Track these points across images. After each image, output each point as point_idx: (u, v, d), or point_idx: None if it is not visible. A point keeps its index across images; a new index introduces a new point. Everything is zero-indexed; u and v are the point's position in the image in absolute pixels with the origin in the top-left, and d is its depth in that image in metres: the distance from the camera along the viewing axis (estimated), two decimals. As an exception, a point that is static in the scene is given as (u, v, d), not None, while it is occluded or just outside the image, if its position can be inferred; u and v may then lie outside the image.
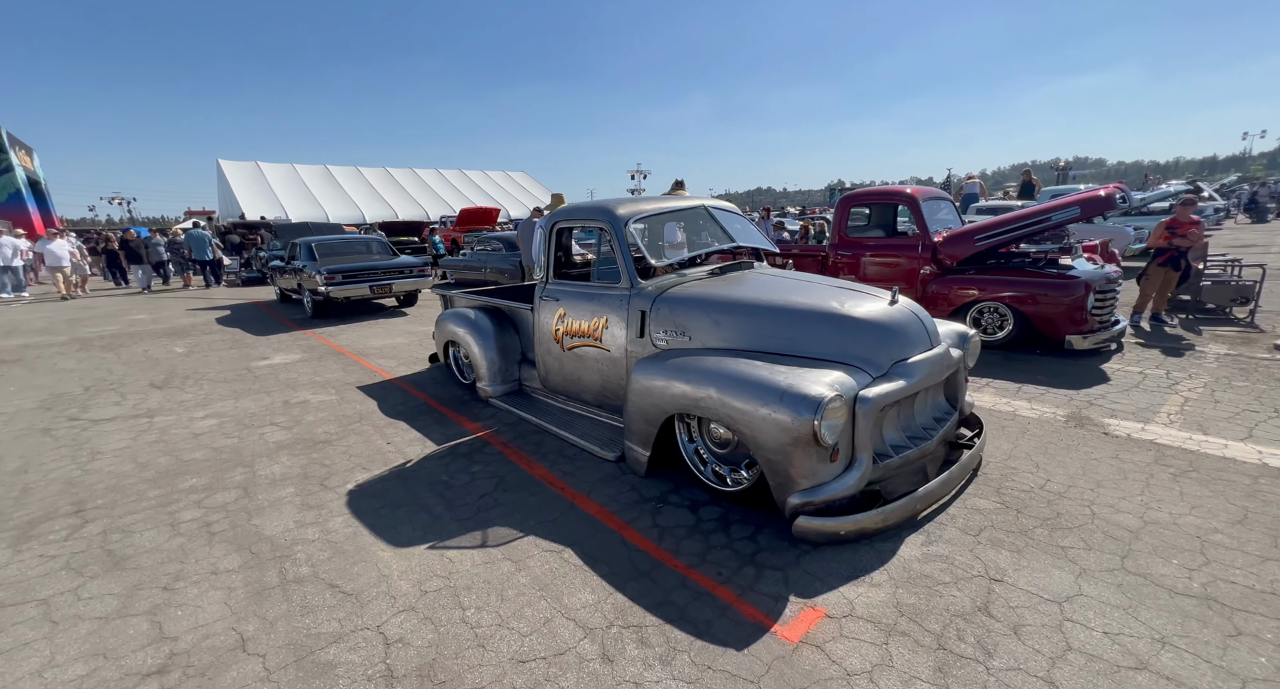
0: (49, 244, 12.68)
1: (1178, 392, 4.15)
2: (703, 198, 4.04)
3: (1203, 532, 2.49)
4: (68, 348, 7.69)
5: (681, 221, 4.28)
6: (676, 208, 3.80)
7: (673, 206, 3.79)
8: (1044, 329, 5.34)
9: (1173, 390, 4.19)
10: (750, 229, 4.02)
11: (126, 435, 4.25)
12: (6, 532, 2.93)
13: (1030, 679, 1.77)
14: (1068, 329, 5.20)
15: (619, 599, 2.21)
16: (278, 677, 1.89)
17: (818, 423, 2.33)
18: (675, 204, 3.82)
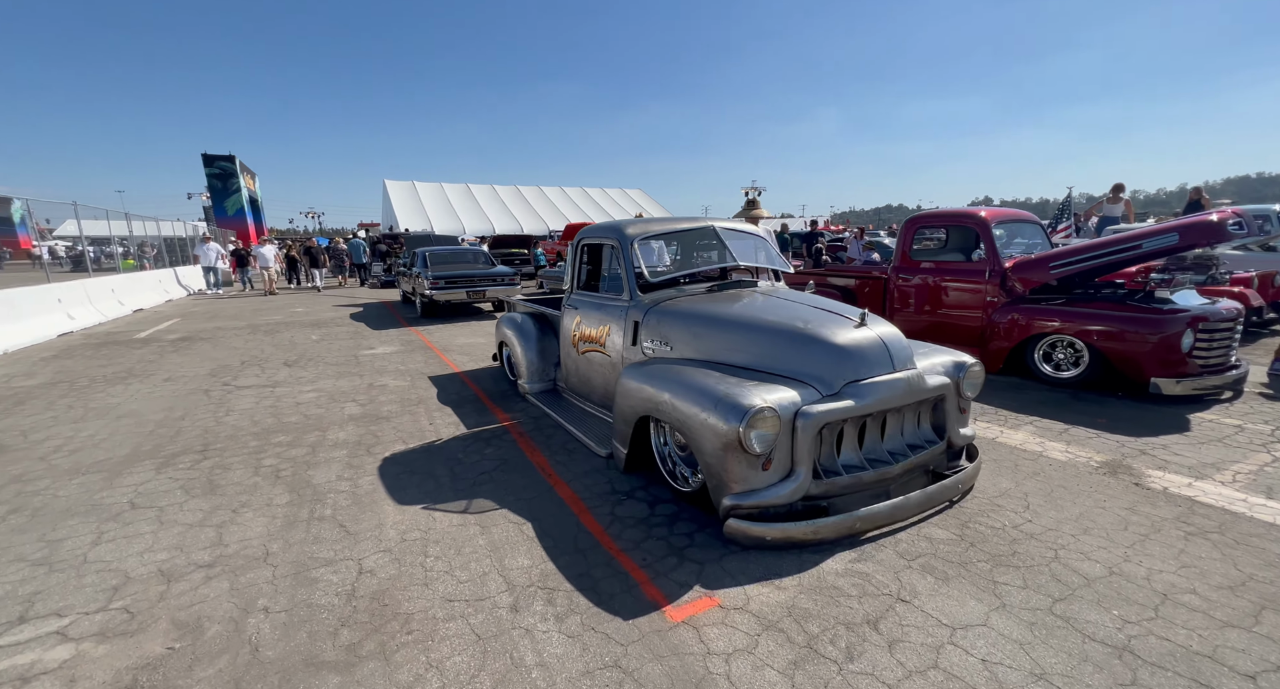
0: (260, 249, 15.99)
1: (1271, 451, 3.57)
2: (718, 219, 4.27)
3: (1173, 591, 2.26)
4: (242, 331, 9.62)
5: (695, 241, 4.52)
6: (683, 228, 4.08)
7: (680, 227, 4.08)
8: (1125, 369, 4.78)
9: (1266, 449, 3.61)
10: (761, 250, 4.17)
11: (253, 399, 5.38)
12: (158, 459, 3.95)
13: (876, 684, 1.83)
14: (1155, 370, 4.62)
15: (549, 567, 2.54)
16: (277, 582, 2.48)
17: (743, 430, 2.50)
18: (682, 224, 4.10)
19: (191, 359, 7.41)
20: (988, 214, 5.96)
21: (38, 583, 2.52)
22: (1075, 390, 5.01)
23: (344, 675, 1.93)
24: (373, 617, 2.23)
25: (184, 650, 2.07)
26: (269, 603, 2.33)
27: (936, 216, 6.55)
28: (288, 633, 2.15)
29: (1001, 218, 6.06)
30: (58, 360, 7.66)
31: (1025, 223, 6.51)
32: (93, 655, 2.06)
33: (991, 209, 6.19)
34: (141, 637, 2.15)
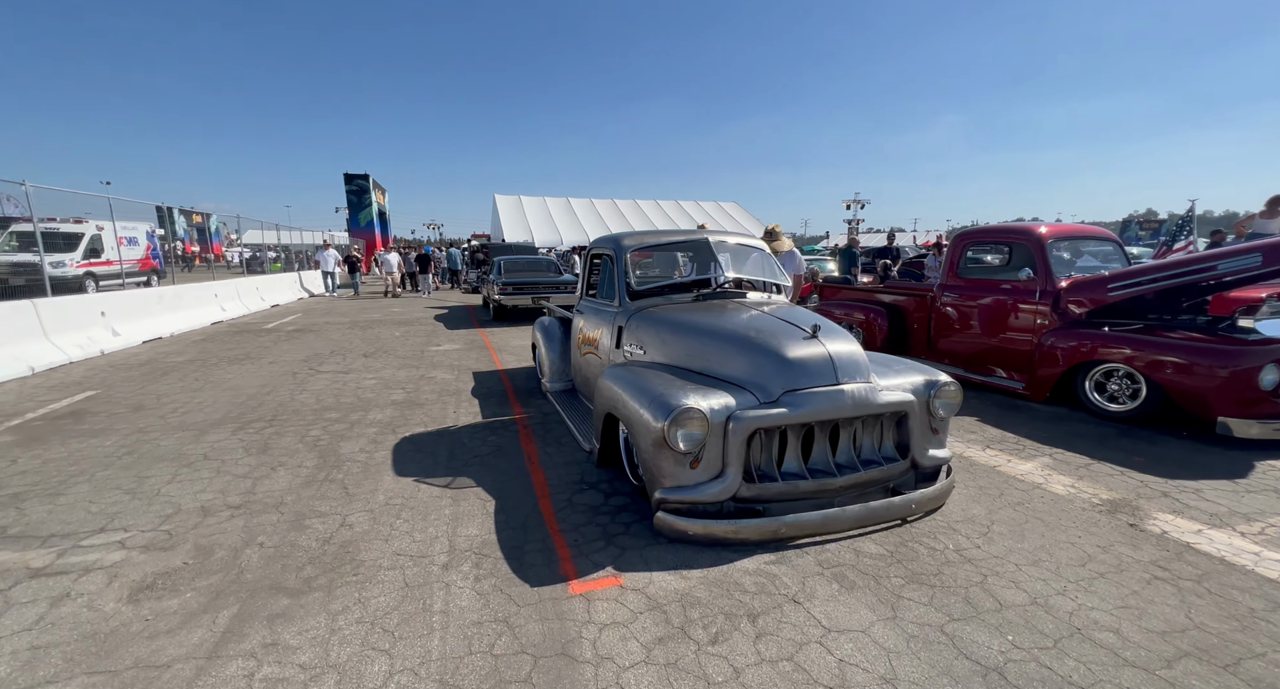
0: (385, 256, 18.08)
1: None
2: (715, 232, 4.40)
3: (1092, 627, 2.10)
4: (343, 326, 11.02)
5: (690, 252, 4.68)
6: (677, 240, 4.27)
7: (674, 239, 4.28)
8: (1187, 405, 4.24)
9: None
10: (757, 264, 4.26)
11: (325, 382, 6.25)
12: (237, 424, 4.78)
13: (724, 666, 1.93)
14: (1225, 409, 4.06)
15: (490, 538, 2.85)
16: (278, 525, 3.00)
17: (668, 428, 2.66)
18: (677, 237, 4.30)
19: (296, 347, 8.67)
20: (1047, 230, 5.53)
21: (121, 507, 3.24)
22: (1127, 425, 4.51)
23: (293, 599, 2.35)
24: (334, 560, 2.66)
25: (194, 566, 2.62)
26: (265, 540, 2.85)
27: (987, 232, 6.14)
28: (268, 563, 2.63)
29: (1064, 234, 5.60)
30: (203, 343, 9.27)
31: (1100, 240, 5.95)
32: (134, 561, 2.66)
33: (1055, 225, 5.73)
34: (170, 553, 2.74)
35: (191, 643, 2.08)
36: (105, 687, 1.88)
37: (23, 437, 4.56)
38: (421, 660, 1.98)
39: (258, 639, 2.09)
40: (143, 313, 10.14)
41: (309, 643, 2.07)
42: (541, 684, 1.87)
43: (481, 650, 2.03)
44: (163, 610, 2.28)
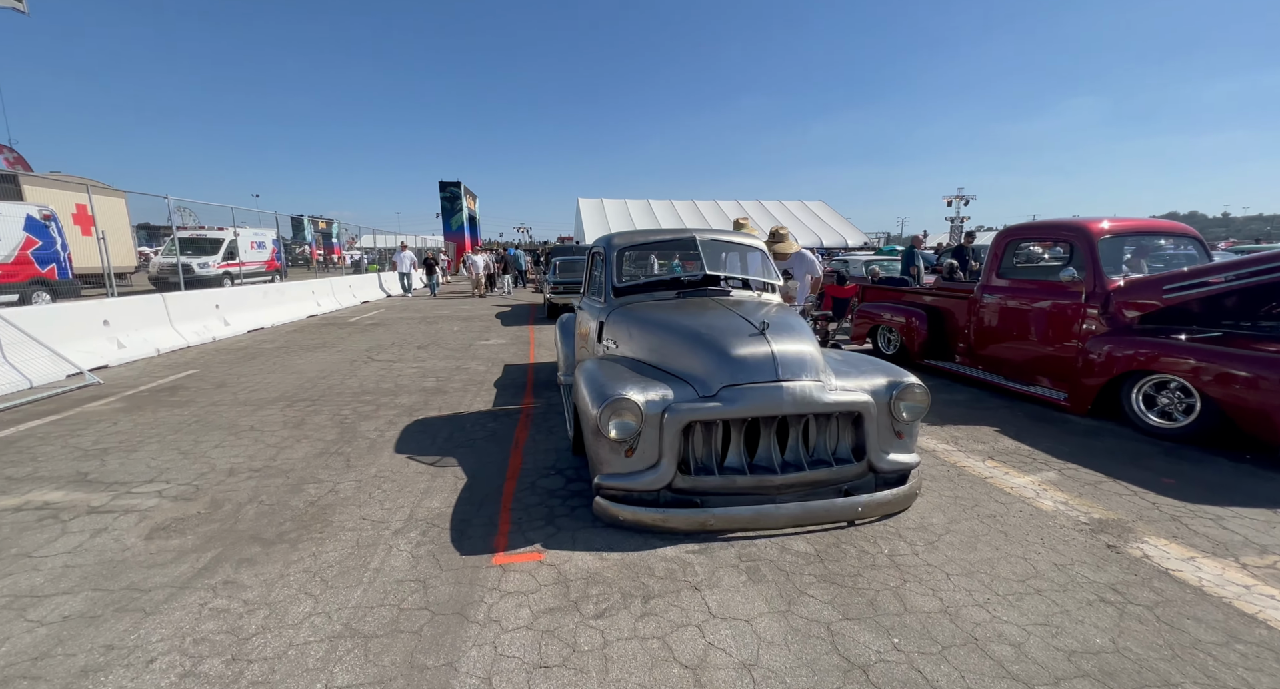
0: (474, 257, 19.27)
1: None
2: (707, 230, 4.42)
3: (993, 640, 1.97)
4: (412, 321, 12.00)
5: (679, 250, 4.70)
6: (666, 239, 4.34)
7: (664, 238, 4.34)
8: (1245, 424, 3.71)
9: None
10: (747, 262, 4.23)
11: (374, 369, 6.91)
12: (288, 402, 5.45)
13: (596, 635, 2.04)
14: (1292, 430, 3.54)
15: (447, 511, 3.11)
16: (280, 488, 3.44)
17: (601, 418, 2.78)
18: (666, 235, 4.36)
19: (365, 338, 9.60)
20: (1103, 225, 5.00)
21: (171, 464, 3.85)
22: (1176, 445, 4.00)
23: (263, 548, 2.73)
24: (311, 519, 3.03)
25: (203, 515, 3.09)
26: (265, 498, 3.29)
27: (1033, 229, 5.63)
28: (259, 518, 3.05)
29: (1125, 230, 5.04)
30: (293, 333, 10.49)
31: (1175, 237, 5.30)
32: (163, 507, 3.19)
33: (1115, 219, 5.16)
34: (190, 503, 3.24)
35: (173, 575, 2.49)
36: (100, 601, 2.31)
37: (129, 404, 5.48)
38: (339, 607, 2.25)
39: (221, 577, 2.47)
40: (250, 306, 11.63)
41: (258, 583, 2.42)
42: (427, 636, 2.07)
43: (391, 604, 2.26)
44: (165, 548, 2.74)
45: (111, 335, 7.93)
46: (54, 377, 6.48)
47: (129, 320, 8.34)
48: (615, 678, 1.86)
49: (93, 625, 2.14)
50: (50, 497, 3.35)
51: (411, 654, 1.96)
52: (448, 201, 42.58)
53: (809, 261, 5.25)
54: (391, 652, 1.98)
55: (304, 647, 2.00)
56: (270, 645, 2.01)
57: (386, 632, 2.09)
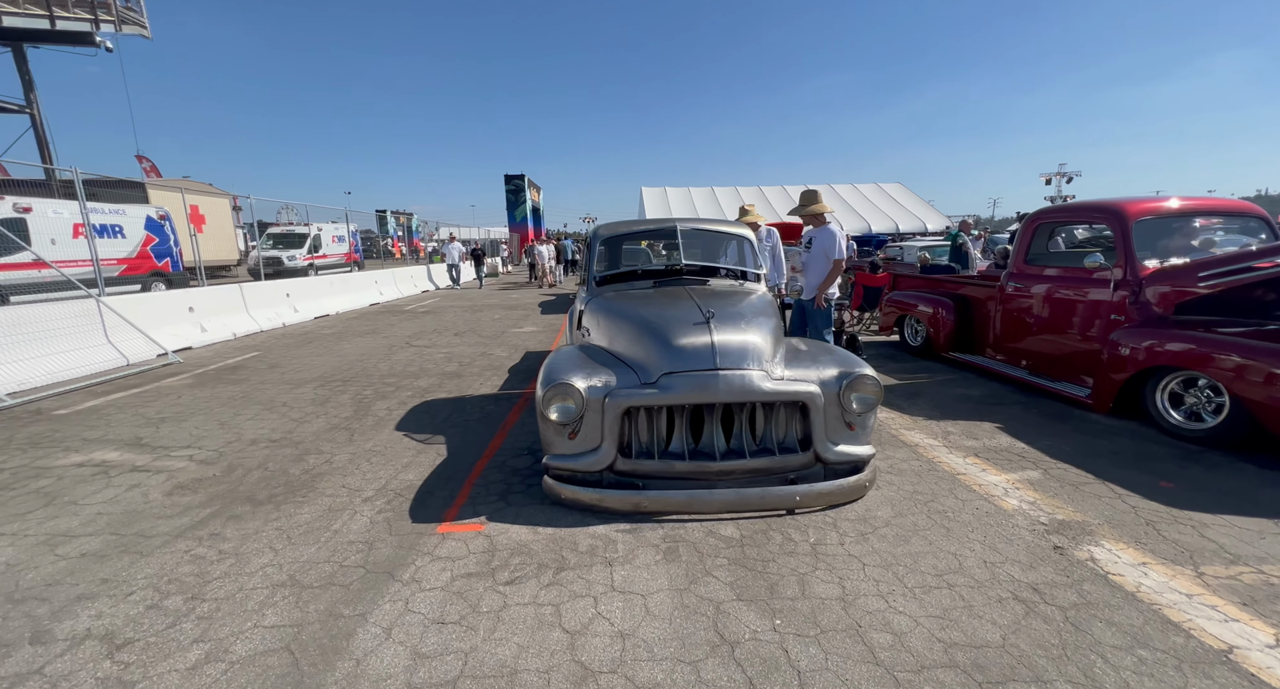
0: (539, 248, 19.86)
1: None
2: (690, 219, 4.42)
3: (878, 628, 1.95)
4: (460, 310, 12.66)
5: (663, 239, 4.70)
6: (649, 229, 4.39)
7: (646, 228, 4.40)
8: (1276, 428, 3.33)
9: None
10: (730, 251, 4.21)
11: (408, 354, 7.43)
12: (322, 382, 6.00)
13: (499, 598, 2.22)
14: (1328, 434, 3.15)
15: (417, 483, 3.38)
16: (287, 457, 3.86)
17: (541, 401, 2.94)
18: (649, 225, 4.41)
19: (412, 325, 10.27)
20: (1142, 205, 4.56)
21: (208, 432, 4.40)
22: (1203, 447, 3.65)
23: (252, 507, 3.11)
24: (300, 485, 3.40)
25: (217, 477, 3.54)
26: (271, 465, 3.71)
27: (1065, 210, 5.18)
28: (260, 482, 3.45)
29: (1168, 211, 4.57)
30: (352, 320, 11.38)
31: (1236, 217, 4.75)
32: (188, 469, 3.67)
33: (1158, 200, 4.69)
34: (211, 466, 3.72)
35: (173, 525, 2.91)
36: (113, 543, 2.74)
37: (196, 381, 6.23)
38: (292, 560, 2.55)
39: (208, 530, 2.85)
40: (317, 295, 12.70)
41: (237, 537, 2.78)
42: (354, 589, 2.32)
43: (336, 561, 2.54)
44: (177, 502, 3.18)
45: (195, 321, 8.97)
46: (147, 355, 7.44)
47: (210, 307, 9.39)
48: (499, 636, 2.02)
49: (99, 562, 2.56)
50: (108, 456, 3.94)
51: (335, 604, 2.22)
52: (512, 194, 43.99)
53: (827, 239, 4.74)
54: (319, 601, 2.24)
55: (250, 591, 2.31)
56: (224, 588, 2.33)
57: (322, 584, 2.36)
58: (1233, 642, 1.86)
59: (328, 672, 1.85)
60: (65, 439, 4.32)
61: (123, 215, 14.76)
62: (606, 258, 4.58)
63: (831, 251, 4.65)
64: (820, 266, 4.71)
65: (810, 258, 4.80)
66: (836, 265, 4.62)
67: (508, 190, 43.14)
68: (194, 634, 2.04)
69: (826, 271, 4.69)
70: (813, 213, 4.80)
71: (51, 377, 6.17)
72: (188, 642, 2.00)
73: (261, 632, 2.05)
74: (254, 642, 1.99)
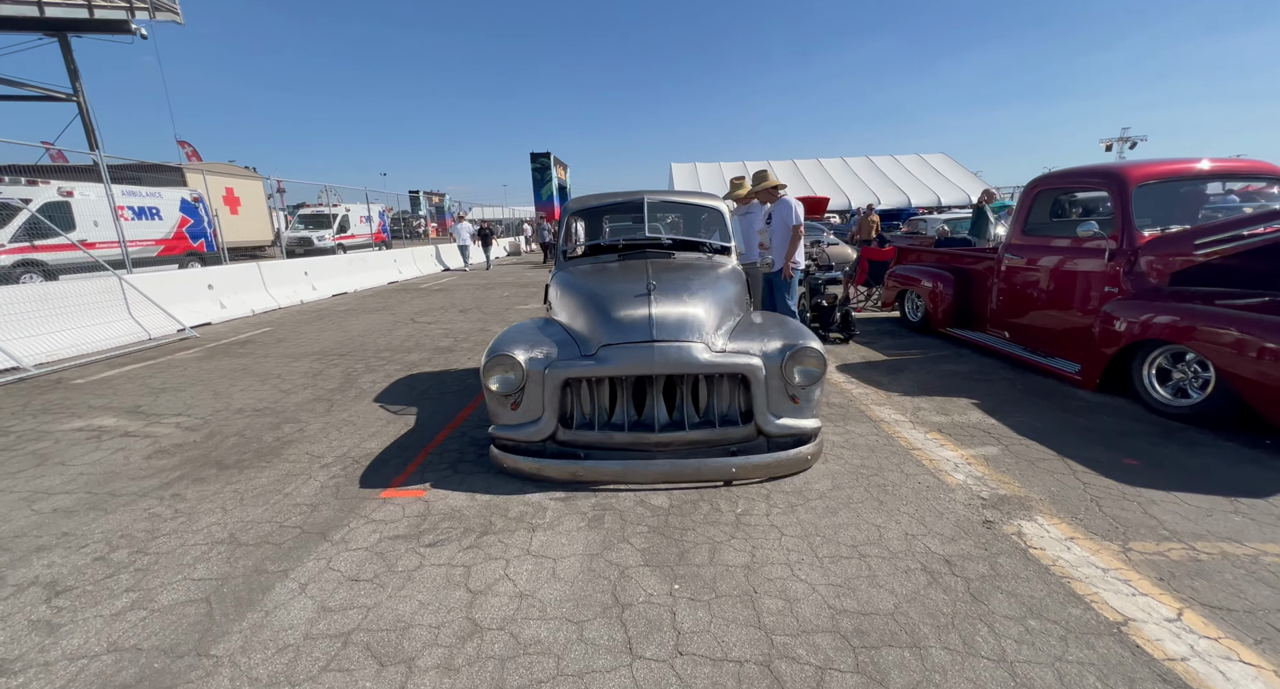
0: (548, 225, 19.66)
1: None
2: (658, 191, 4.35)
3: (759, 594, 1.96)
4: (472, 287, 12.85)
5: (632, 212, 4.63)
6: (617, 201, 4.33)
7: (615, 200, 4.34)
8: (1256, 402, 3.13)
9: None
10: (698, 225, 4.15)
11: (409, 330, 7.61)
12: (320, 355, 6.21)
13: (414, 559, 2.30)
14: (1317, 411, 2.94)
15: (377, 451, 3.49)
16: (264, 426, 4.03)
17: (483, 373, 2.99)
18: (618, 198, 4.35)
19: (421, 302, 10.49)
20: (1144, 169, 4.27)
21: (200, 402, 4.63)
22: (1186, 424, 3.46)
23: (217, 471, 3.27)
24: (268, 451, 3.55)
25: (196, 443, 3.73)
26: (247, 433, 3.89)
27: (1065, 176, 4.87)
28: (232, 448, 3.63)
29: (1173, 174, 4.27)
30: (367, 297, 11.69)
31: (1252, 178, 4.40)
32: (173, 435, 3.88)
33: (1163, 163, 4.37)
34: (193, 433, 3.92)
35: (143, 485, 3.09)
36: (84, 501, 2.94)
37: (206, 354, 6.54)
38: (238, 520, 2.69)
39: (172, 491, 3.02)
40: (336, 273, 13.05)
41: (195, 497, 2.94)
42: (285, 548, 2.44)
43: (276, 521, 2.67)
44: (153, 466, 3.37)
45: (215, 297, 9.36)
46: (167, 330, 7.82)
47: (229, 285, 9.77)
48: (405, 594, 2.10)
49: (66, 517, 2.75)
50: (105, 421, 4.19)
51: (263, 561, 2.33)
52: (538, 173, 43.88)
53: (785, 210, 4.85)
54: (250, 557, 2.36)
55: (190, 547, 2.45)
56: (167, 544, 2.48)
57: (257, 542, 2.48)
58: (1131, 615, 1.79)
59: (236, 621, 1.96)
60: (74, 406, 4.62)
61: (159, 198, 15.36)
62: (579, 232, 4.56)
63: (789, 220, 4.72)
64: (783, 237, 4.73)
65: (773, 231, 4.82)
66: (795, 232, 4.68)
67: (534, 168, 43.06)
68: (127, 584, 2.18)
69: (789, 241, 4.73)
70: (767, 187, 4.82)
71: (76, 349, 6.57)
72: (120, 591, 2.14)
73: (189, 584, 2.18)
74: (179, 592, 2.12)
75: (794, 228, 4.84)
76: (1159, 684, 1.54)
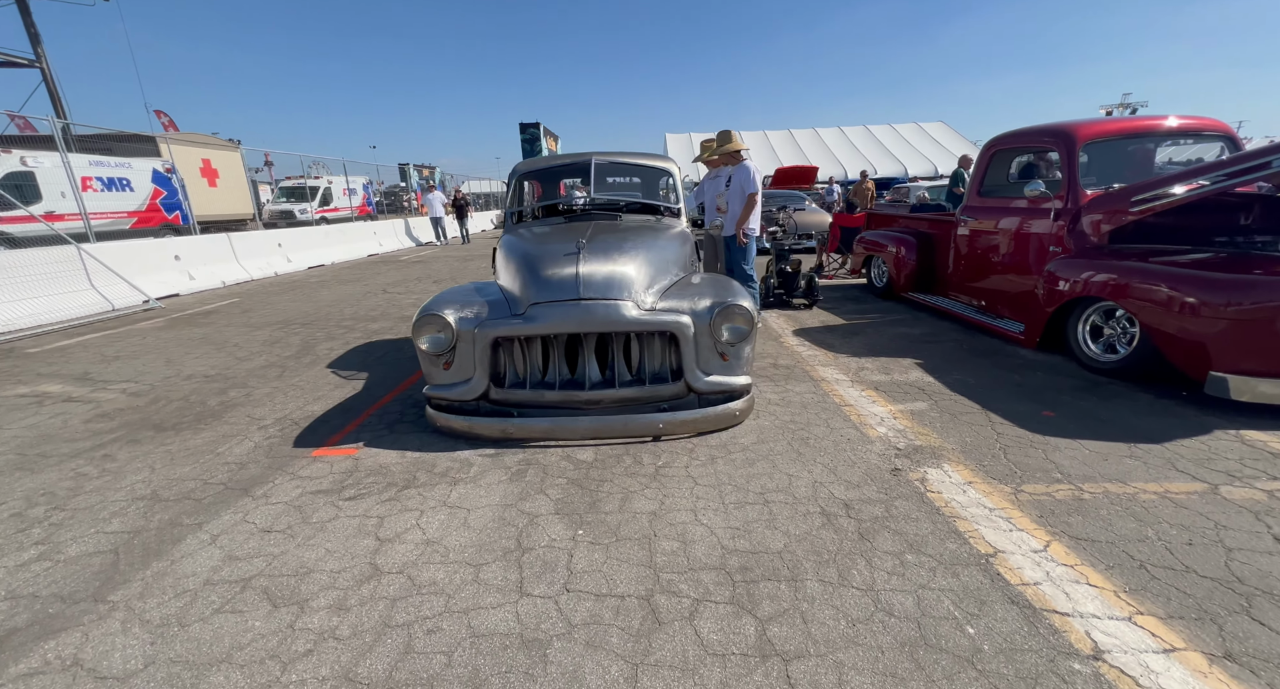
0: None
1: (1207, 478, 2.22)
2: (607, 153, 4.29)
3: (673, 536, 2.02)
4: (452, 259, 12.74)
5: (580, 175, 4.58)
6: (565, 163, 4.28)
7: (562, 162, 4.29)
8: (1175, 357, 3.18)
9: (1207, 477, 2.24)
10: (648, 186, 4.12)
11: (378, 301, 7.56)
12: (284, 325, 6.17)
13: (331, 512, 2.33)
14: (1224, 362, 2.97)
15: (317, 414, 3.50)
16: (212, 391, 4.02)
17: (413, 331, 2.99)
18: (566, 160, 4.30)
19: (397, 273, 10.40)
20: (1092, 127, 4.24)
21: (150, 369, 4.61)
22: (1113, 379, 3.53)
23: (155, 432, 3.28)
24: (209, 415, 3.56)
25: (139, 408, 3.73)
26: (194, 398, 3.89)
27: (1019, 136, 4.83)
28: (173, 412, 3.63)
29: (1120, 131, 4.25)
30: (344, 270, 11.56)
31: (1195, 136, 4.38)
32: (116, 401, 3.87)
33: (1113, 121, 4.34)
34: (138, 398, 3.91)
35: (76, 447, 3.10)
36: (13, 462, 2.94)
37: (168, 324, 6.49)
38: (164, 478, 2.71)
39: (105, 452, 3.04)
40: (312, 245, 12.87)
41: (125, 458, 2.95)
42: (205, 502, 2.46)
43: (202, 479, 2.69)
44: (91, 429, 3.38)
45: (183, 268, 9.24)
46: (133, 300, 7.73)
47: (198, 256, 9.63)
48: (314, 543, 2.14)
49: (-6, 477, 2.77)
50: (51, 388, 4.18)
51: (180, 515, 2.36)
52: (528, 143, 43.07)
53: (743, 175, 4.76)
54: (167, 512, 2.39)
55: (109, 503, 2.47)
56: (88, 501, 2.50)
57: (178, 498, 2.51)
58: (1002, 547, 1.86)
59: (140, 570, 1.99)
60: (22, 373, 4.59)
61: (129, 169, 14.98)
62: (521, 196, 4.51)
63: (748, 186, 4.64)
64: (739, 201, 4.66)
65: (730, 194, 4.75)
66: (751, 199, 4.59)
67: (523, 139, 42.24)
68: (38, 537, 2.21)
69: (744, 206, 4.67)
70: (728, 151, 4.73)
71: (34, 319, 6.50)
72: (29, 544, 2.17)
73: (100, 536, 2.21)
74: (88, 544, 2.16)
75: (749, 195, 4.77)
76: (1006, 605, 1.61)
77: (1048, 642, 1.50)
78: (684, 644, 1.57)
